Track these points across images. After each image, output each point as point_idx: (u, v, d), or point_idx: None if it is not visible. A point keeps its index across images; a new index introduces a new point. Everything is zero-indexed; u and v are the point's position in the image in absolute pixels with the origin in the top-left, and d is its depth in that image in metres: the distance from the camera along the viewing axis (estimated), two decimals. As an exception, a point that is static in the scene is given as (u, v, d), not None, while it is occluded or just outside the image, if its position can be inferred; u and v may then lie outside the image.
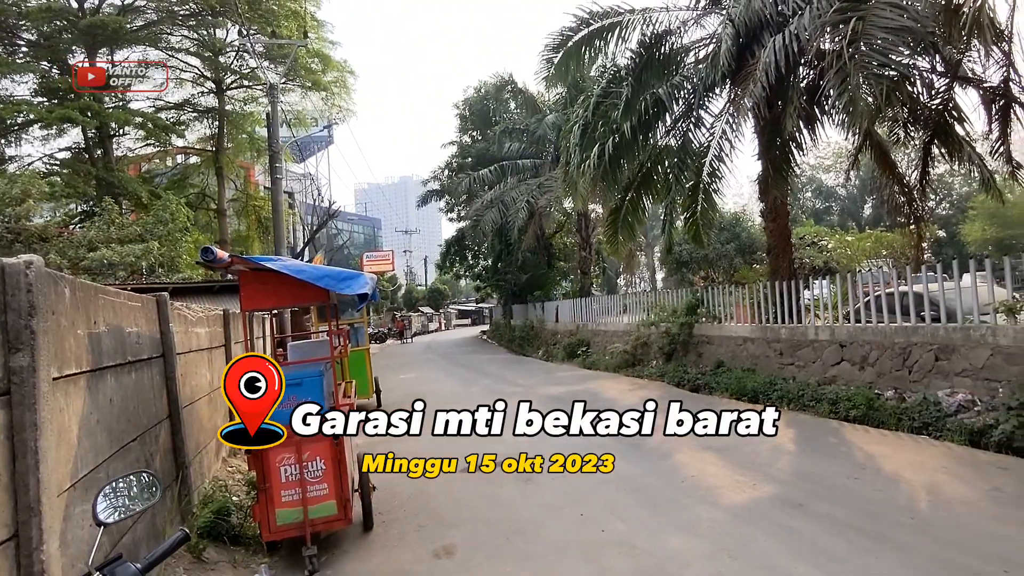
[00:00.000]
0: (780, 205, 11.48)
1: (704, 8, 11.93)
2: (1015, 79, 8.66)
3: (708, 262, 22.43)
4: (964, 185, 31.52)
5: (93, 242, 14.38)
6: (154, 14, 21.99)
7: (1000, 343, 6.96)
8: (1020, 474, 5.57)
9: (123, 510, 1.81)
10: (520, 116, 27.91)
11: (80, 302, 3.06)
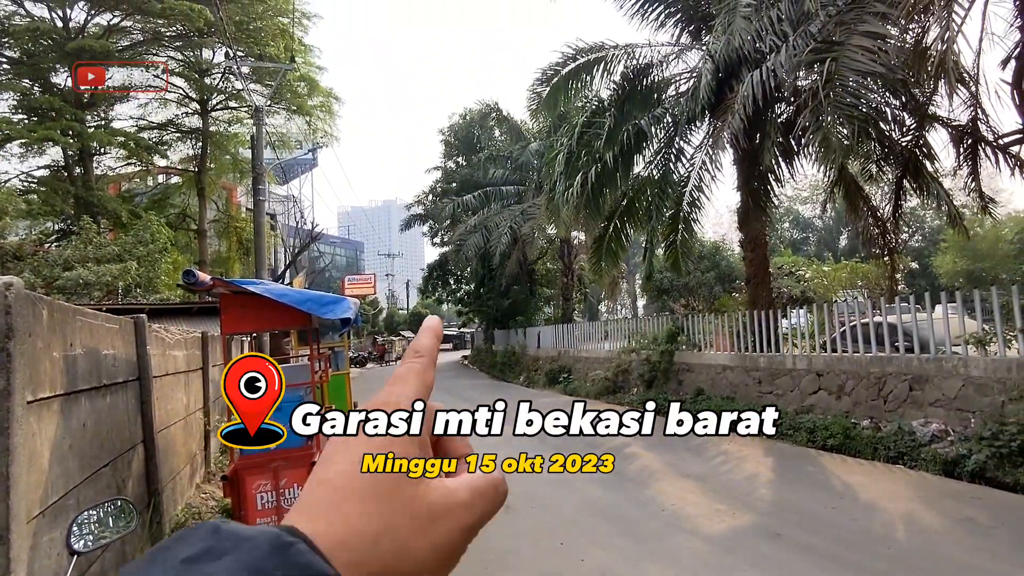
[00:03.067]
0: (759, 235, 11.71)
1: (685, 44, 12.29)
2: (982, 119, 9.00)
3: (689, 290, 22.64)
4: (936, 218, 32.36)
5: (69, 261, 14.13)
6: (140, 35, 22.01)
7: (972, 374, 7.11)
8: (993, 504, 5.66)
9: (97, 538, 1.78)
10: (504, 143, 28.20)
11: (57, 324, 3.02)
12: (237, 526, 0.32)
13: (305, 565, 0.30)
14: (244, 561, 0.29)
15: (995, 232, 25.70)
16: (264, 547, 0.30)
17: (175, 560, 0.29)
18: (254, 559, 0.29)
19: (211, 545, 0.30)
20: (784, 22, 9.49)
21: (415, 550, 0.36)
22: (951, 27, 6.41)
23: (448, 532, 0.38)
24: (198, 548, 0.30)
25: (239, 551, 0.29)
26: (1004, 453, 6.16)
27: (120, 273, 14.01)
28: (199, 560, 0.29)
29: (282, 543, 0.31)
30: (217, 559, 0.29)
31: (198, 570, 0.29)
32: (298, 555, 0.30)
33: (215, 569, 0.29)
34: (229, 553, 0.29)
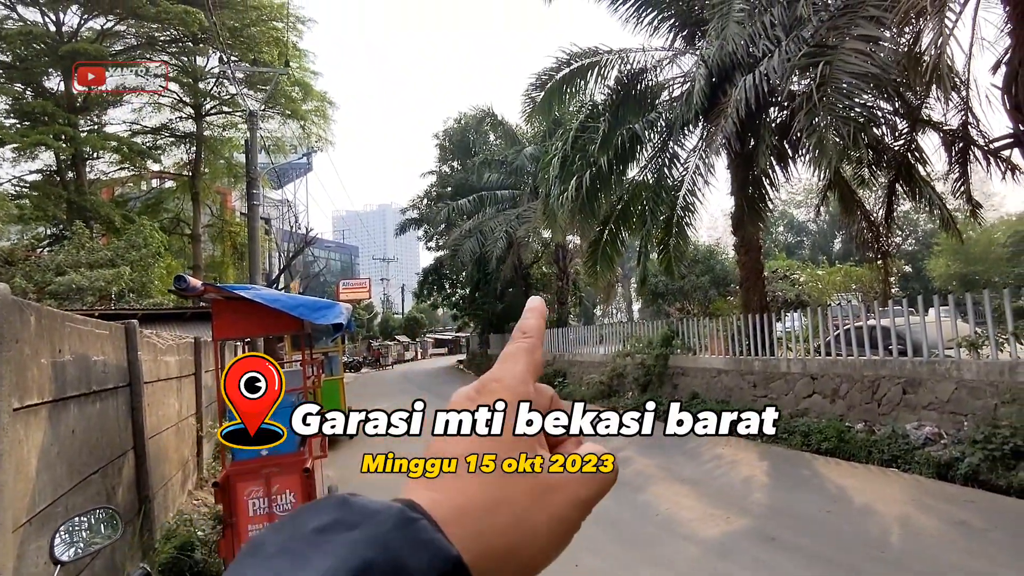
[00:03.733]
0: (753, 239, 11.73)
1: (679, 49, 12.33)
2: (973, 123, 9.05)
3: (683, 294, 22.68)
4: (929, 222, 32.54)
5: (61, 266, 14.04)
6: (134, 39, 21.96)
7: (964, 377, 7.13)
8: (986, 507, 5.67)
9: (81, 547, 1.75)
10: (499, 147, 28.22)
11: (45, 330, 2.99)
12: (365, 499, 0.33)
13: (428, 542, 0.31)
14: (371, 534, 0.30)
15: (987, 236, 25.86)
16: (390, 522, 0.31)
17: (306, 529, 0.31)
18: (381, 533, 0.30)
19: (340, 516, 0.31)
20: (777, 27, 9.53)
21: (532, 521, 0.37)
22: (943, 32, 6.44)
23: (564, 504, 0.39)
24: (328, 519, 0.31)
25: (367, 525, 0.31)
26: (997, 456, 6.17)
27: (113, 278, 13.92)
28: (329, 530, 0.31)
29: (406, 519, 0.32)
30: (347, 531, 0.30)
31: (328, 539, 0.30)
32: (421, 531, 0.32)
33: (344, 540, 0.30)
34: (358, 526, 0.31)
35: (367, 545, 0.30)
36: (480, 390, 0.42)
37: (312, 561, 0.29)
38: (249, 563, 0.30)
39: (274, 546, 0.31)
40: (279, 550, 0.30)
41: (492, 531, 0.35)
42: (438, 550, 0.31)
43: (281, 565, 0.29)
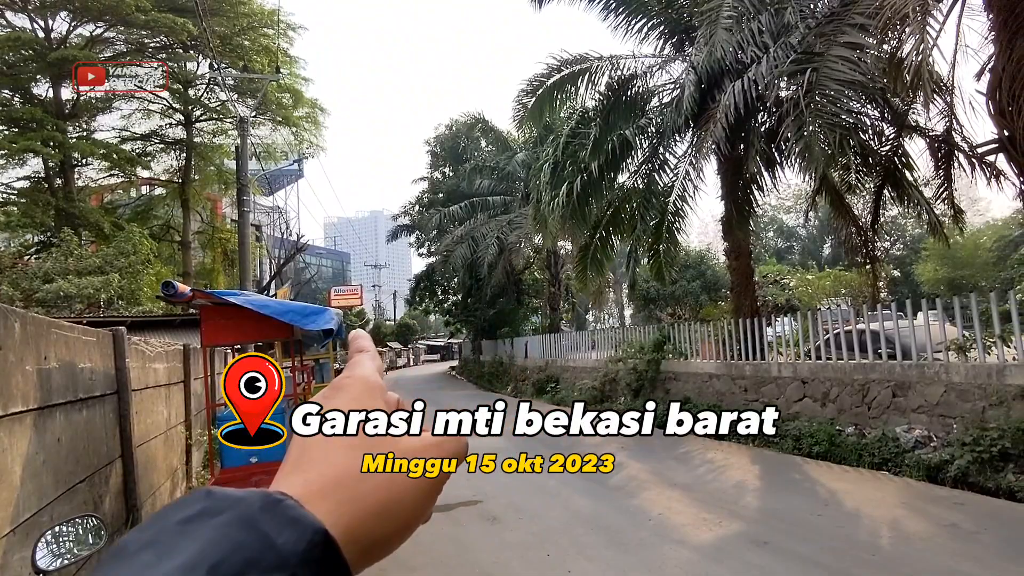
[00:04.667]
0: (742, 244, 11.80)
1: (668, 55, 12.41)
2: (957, 129, 9.15)
3: (675, 299, 22.76)
4: (916, 227, 32.87)
5: (49, 273, 13.93)
6: (123, 46, 21.87)
7: (953, 380, 7.19)
8: (976, 509, 5.71)
9: (65, 556, 1.73)
10: (490, 154, 28.27)
11: (31, 336, 2.96)
12: (229, 490, 0.34)
13: (294, 519, 0.33)
14: (237, 517, 0.31)
15: (974, 240, 26.11)
16: (255, 505, 0.32)
17: (171, 522, 0.31)
18: (247, 515, 0.31)
19: (205, 506, 0.32)
20: (765, 34, 9.62)
21: (398, 486, 0.40)
22: (927, 39, 6.53)
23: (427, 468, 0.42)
24: (194, 509, 0.32)
25: (233, 510, 0.32)
26: (985, 458, 6.21)
27: (102, 285, 13.82)
28: (195, 520, 0.31)
29: (271, 500, 0.33)
30: (213, 517, 0.31)
31: (194, 528, 0.31)
32: (287, 510, 0.33)
33: (211, 524, 0.31)
34: (223, 512, 0.32)
35: (234, 527, 0.31)
36: (336, 387, 0.47)
37: (179, 548, 0.29)
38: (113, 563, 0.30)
39: (138, 543, 0.31)
40: (143, 546, 0.30)
41: (363, 496, 0.38)
42: (304, 524, 0.33)
43: (147, 559, 0.29)
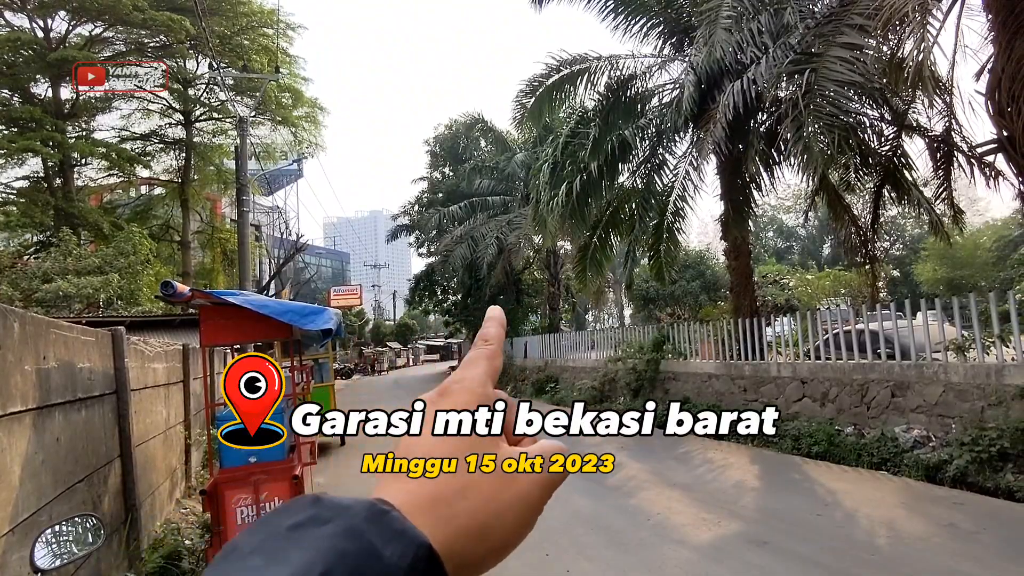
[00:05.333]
0: (742, 244, 11.80)
1: (667, 55, 12.41)
2: (956, 129, 9.16)
3: (674, 299, 22.79)
4: (916, 227, 32.90)
5: (48, 273, 13.92)
6: (123, 45, 21.86)
7: (952, 380, 7.19)
8: (974, 509, 5.71)
9: (64, 555, 1.73)
10: (490, 154, 28.26)
11: (30, 336, 2.96)
12: (336, 497, 0.34)
13: (399, 531, 0.33)
14: (345, 527, 0.32)
15: (973, 241, 26.13)
16: (362, 515, 0.33)
17: (280, 527, 0.32)
18: (354, 525, 0.32)
19: (314, 513, 0.33)
20: (764, 34, 9.62)
21: (499, 502, 0.40)
22: (926, 39, 6.53)
23: (528, 486, 0.42)
24: (302, 516, 0.33)
25: (340, 519, 0.32)
26: (984, 458, 6.22)
27: (101, 285, 13.81)
28: (304, 527, 0.32)
29: (377, 511, 0.33)
30: (321, 525, 0.32)
31: (302, 536, 0.31)
32: (393, 522, 0.33)
33: (319, 534, 0.31)
34: (331, 521, 0.32)
35: (341, 537, 0.31)
36: (442, 393, 0.45)
37: (288, 556, 0.30)
38: (225, 565, 0.31)
39: (249, 546, 0.31)
40: (254, 549, 0.31)
41: (463, 513, 0.37)
42: (410, 538, 0.33)
43: (257, 563, 0.30)
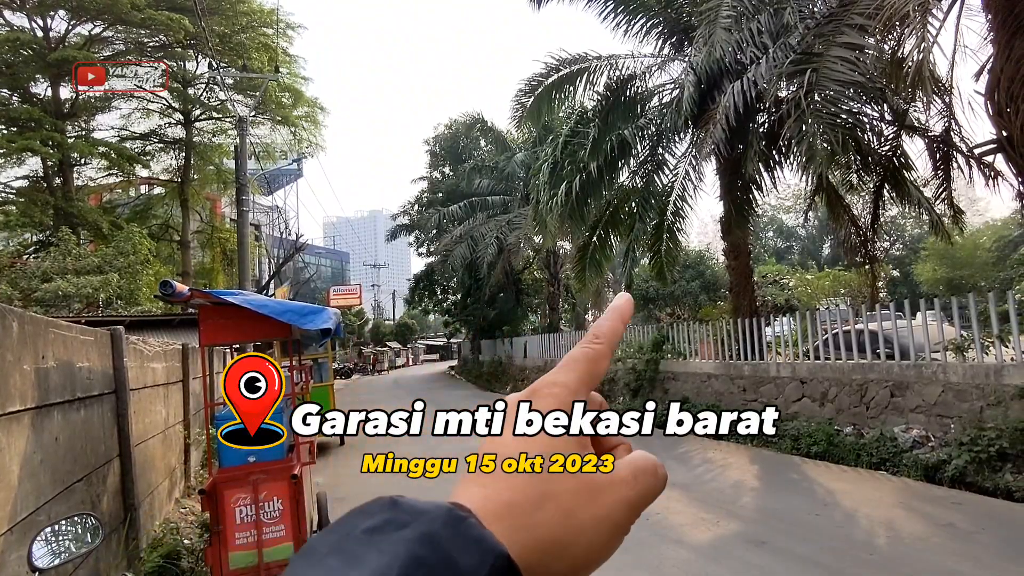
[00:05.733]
0: (741, 244, 11.80)
1: (667, 55, 12.41)
2: (955, 129, 9.16)
3: (674, 299, 22.78)
4: (915, 227, 32.91)
5: (48, 273, 13.91)
6: (122, 44, 21.85)
7: (951, 380, 7.19)
8: (973, 509, 5.71)
9: (62, 554, 1.73)
10: (490, 153, 28.27)
11: (28, 336, 2.96)
12: (413, 500, 0.34)
13: (477, 539, 0.32)
14: (422, 532, 0.31)
15: (973, 241, 26.13)
16: (439, 520, 0.32)
17: (357, 530, 0.32)
18: (431, 531, 0.31)
19: (390, 517, 0.32)
20: (764, 34, 9.62)
21: (579, 519, 0.37)
22: (926, 38, 6.53)
23: (612, 505, 0.39)
24: (379, 519, 0.32)
25: (417, 523, 0.31)
26: (983, 458, 6.22)
27: (101, 285, 13.81)
28: (381, 530, 0.31)
29: (455, 517, 0.33)
30: (397, 529, 0.31)
31: (379, 539, 0.31)
32: (470, 528, 0.32)
33: (396, 538, 0.31)
34: (408, 525, 0.31)
35: (418, 543, 0.31)
36: (531, 395, 0.43)
37: (365, 559, 0.30)
38: (302, 564, 0.31)
39: (326, 547, 0.31)
40: (331, 550, 0.31)
41: (540, 525, 0.36)
42: (487, 547, 0.32)
43: (334, 564, 0.30)
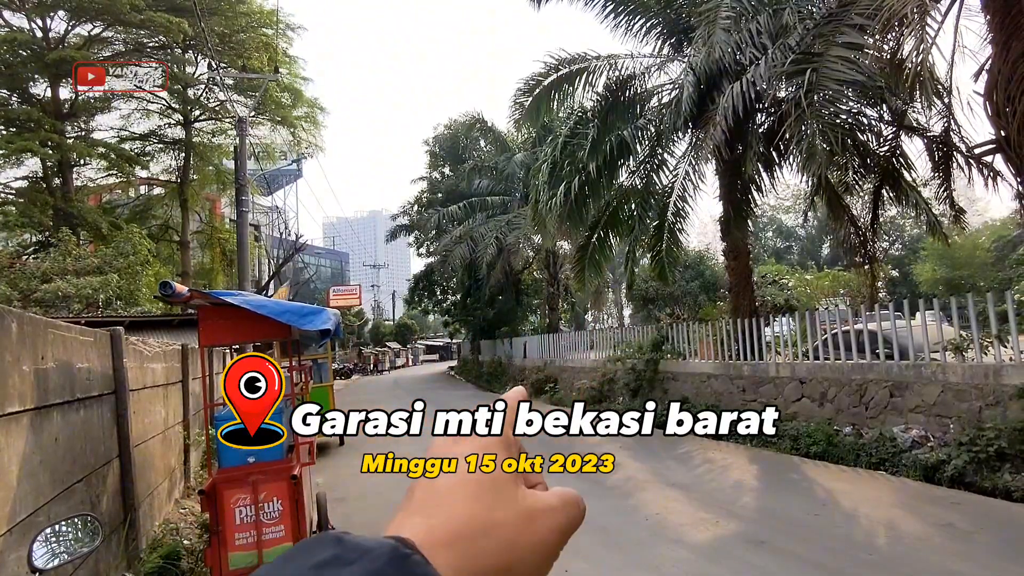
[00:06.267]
0: (741, 244, 11.80)
1: (666, 56, 12.42)
2: (955, 129, 9.17)
3: (673, 299, 22.78)
4: (915, 227, 32.92)
5: (47, 273, 13.90)
6: (122, 45, 21.84)
7: (950, 380, 7.20)
8: (972, 509, 5.72)
9: (62, 555, 1.73)
10: (489, 154, 28.26)
11: (28, 336, 2.96)
12: (358, 537, 0.34)
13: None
14: (367, 570, 0.31)
15: (972, 241, 26.14)
16: (384, 558, 0.32)
17: (304, 566, 0.32)
18: (375, 569, 0.31)
19: (337, 554, 0.32)
20: (763, 35, 9.62)
21: (520, 546, 0.39)
22: (925, 39, 6.54)
23: (547, 531, 0.41)
24: (326, 555, 0.32)
25: (362, 561, 0.32)
26: (982, 458, 6.23)
27: (100, 285, 13.79)
28: (328, 566, 0.31)
29: (400, 554, 0.33)
30: (344, 567, 0.31)
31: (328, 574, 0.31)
32: (414, 566, 0.33)
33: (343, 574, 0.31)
34: (354, 562, 0.32)
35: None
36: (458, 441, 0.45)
37: None
38: None
39: None
40: None
41: (485, 553, 0.37)
42: None
43: None
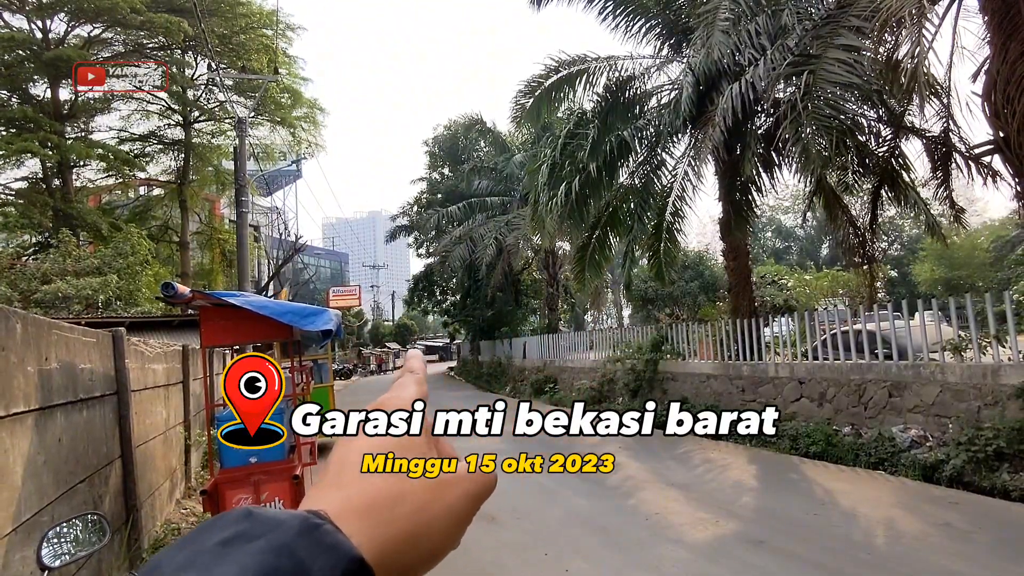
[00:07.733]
0: (740, 245, 11.83)
1: (666, 57, 12.45)
2: (954, 130, 9.20)
3: (673, 299, 22.81)
4: (913, 228, 32.96)
5: (47, 274, 13.91)
6: (121, 46, 21.85)
7: (948, 380, 7.23)
8: (970, 508, 5.74)
9: (69, 554, 1.75)
10: (489, 155, 28.29)
11: (32, 337, 2.98)
12: (268, 511, 0.34)
13: (331, 545, 0.33)
14: (275, 543, 0.31)
15: (971, 241, 26.19)
16: (293, 530, 0.32)
17: (210, 543, 0.31)
18: (285, 541, 0.31)
19: (244, 529, 0.32)
20: (762, 36, 9.65)
21: (431, 511, 0.40)
22: (923, 41, 6.56)
23: (458, 497, 0.42)
24: (232, 532, 0.32)
25: (271, 534, 0.32)
26: (980, 458, 6.25)
27: (100, 286, 13.80)
28: (233, 542, 0.31)
29: (309, 524, 0.33)
30: (250, 541, 0.31)
31: (231, 552, 0.30)
32: (325, 535, 0.33)
33: (248, 550, 0.30)
34: (262, 536, 0.31)
35: (272, 553, 0.31)
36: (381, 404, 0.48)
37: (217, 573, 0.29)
38: None
39: (173, 565, 0.30)
40: (179, 568, 0.30)
41: (397, 520, 0.38)
42: (341, 552, 0.33)
43: None
